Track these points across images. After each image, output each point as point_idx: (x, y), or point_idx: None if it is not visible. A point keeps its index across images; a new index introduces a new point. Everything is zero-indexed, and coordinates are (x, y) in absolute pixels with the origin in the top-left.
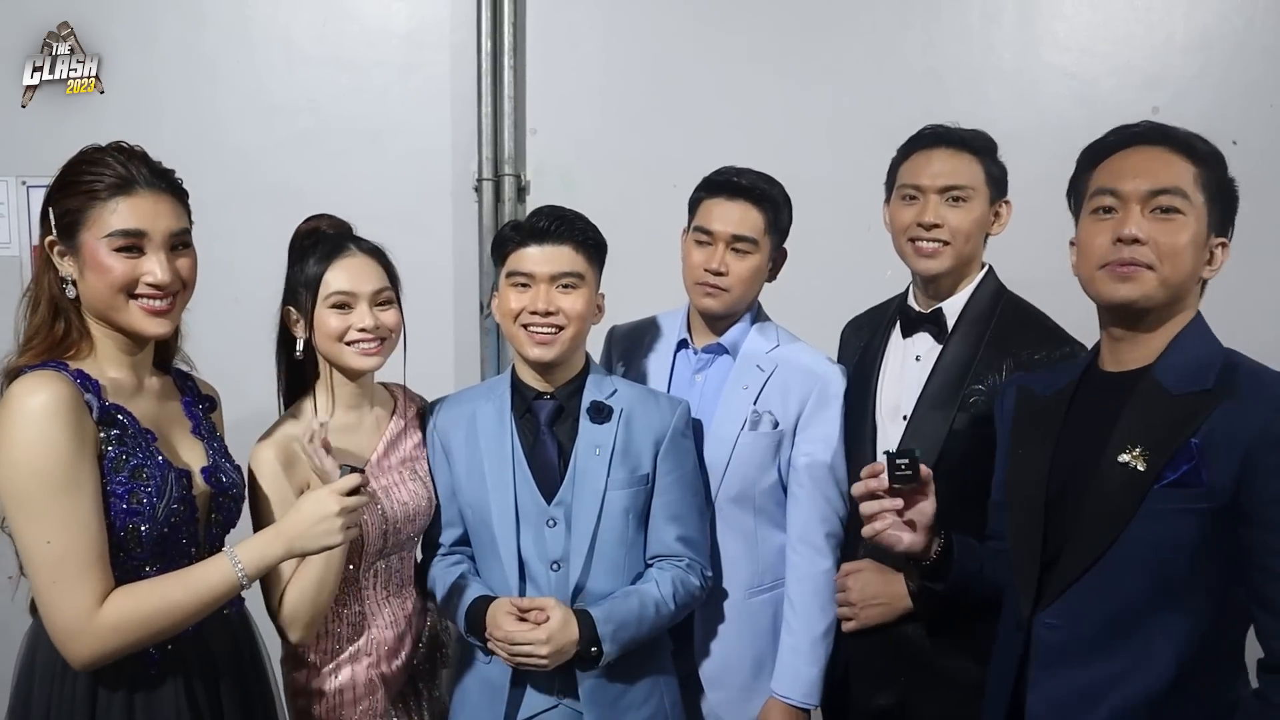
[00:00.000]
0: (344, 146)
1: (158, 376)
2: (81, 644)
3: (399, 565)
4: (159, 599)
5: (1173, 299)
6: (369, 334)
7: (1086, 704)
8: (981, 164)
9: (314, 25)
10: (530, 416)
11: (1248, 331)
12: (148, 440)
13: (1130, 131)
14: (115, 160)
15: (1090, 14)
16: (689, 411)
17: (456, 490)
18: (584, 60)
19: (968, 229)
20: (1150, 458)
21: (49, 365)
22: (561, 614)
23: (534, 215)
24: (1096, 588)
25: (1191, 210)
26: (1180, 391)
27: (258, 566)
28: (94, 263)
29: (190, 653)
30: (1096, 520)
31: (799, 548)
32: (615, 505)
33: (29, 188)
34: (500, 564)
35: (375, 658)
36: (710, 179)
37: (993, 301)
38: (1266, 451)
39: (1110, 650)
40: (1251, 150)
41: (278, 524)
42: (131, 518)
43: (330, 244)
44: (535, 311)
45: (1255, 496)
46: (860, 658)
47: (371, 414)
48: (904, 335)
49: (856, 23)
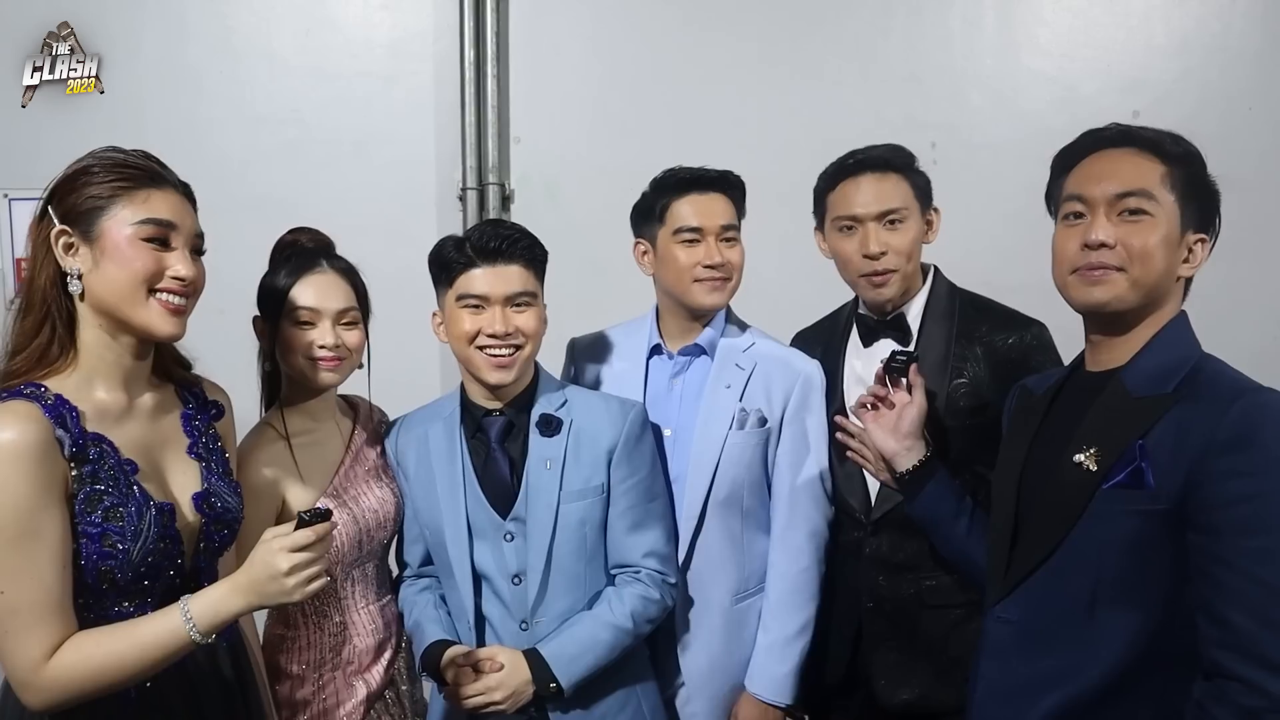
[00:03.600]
0: (328, 156)
1: (155, 389)
2: (32, 695)
3: (375, 572)
4: (105, 654)
5: (1148, 299)
6: (329, 351)
7: (1029, 697)
8: (908, 180)
9: (297, 36)
10: (481, 434)
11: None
12: (128, 473)
13: (1097, 136)
14: (144, 158)
15: (1071, 19)
16: (644, 415)
17: (415, 512)
18: (567, 69)
19: (909, 249)
20: (1101, 458)
21: (25, 392)
22: (510, 659)
23: (478, 234)
24: (1046, 584)
25: (1160, 210)
26: (1140, 394)
27: (211, 623)
28: (117, 252)
29: (171, 689)
30: (1049, 518)
31: (779, 546)
32: (570, 518)
33: (11, 200)
34: (455, 582)
35: (357, 665)
36: (674, 180)
37: (949, 300)
38: (1214, 457)
39: (1056, 646)
40: (1232, 152)
41: (234, 576)
42: (105, 560)
43: (303, 259)
44: (493, 335)
45: (1202, 502)
46: (878, 656)
47: (336, 426)
48: (865, 344)
49: (839, 29)
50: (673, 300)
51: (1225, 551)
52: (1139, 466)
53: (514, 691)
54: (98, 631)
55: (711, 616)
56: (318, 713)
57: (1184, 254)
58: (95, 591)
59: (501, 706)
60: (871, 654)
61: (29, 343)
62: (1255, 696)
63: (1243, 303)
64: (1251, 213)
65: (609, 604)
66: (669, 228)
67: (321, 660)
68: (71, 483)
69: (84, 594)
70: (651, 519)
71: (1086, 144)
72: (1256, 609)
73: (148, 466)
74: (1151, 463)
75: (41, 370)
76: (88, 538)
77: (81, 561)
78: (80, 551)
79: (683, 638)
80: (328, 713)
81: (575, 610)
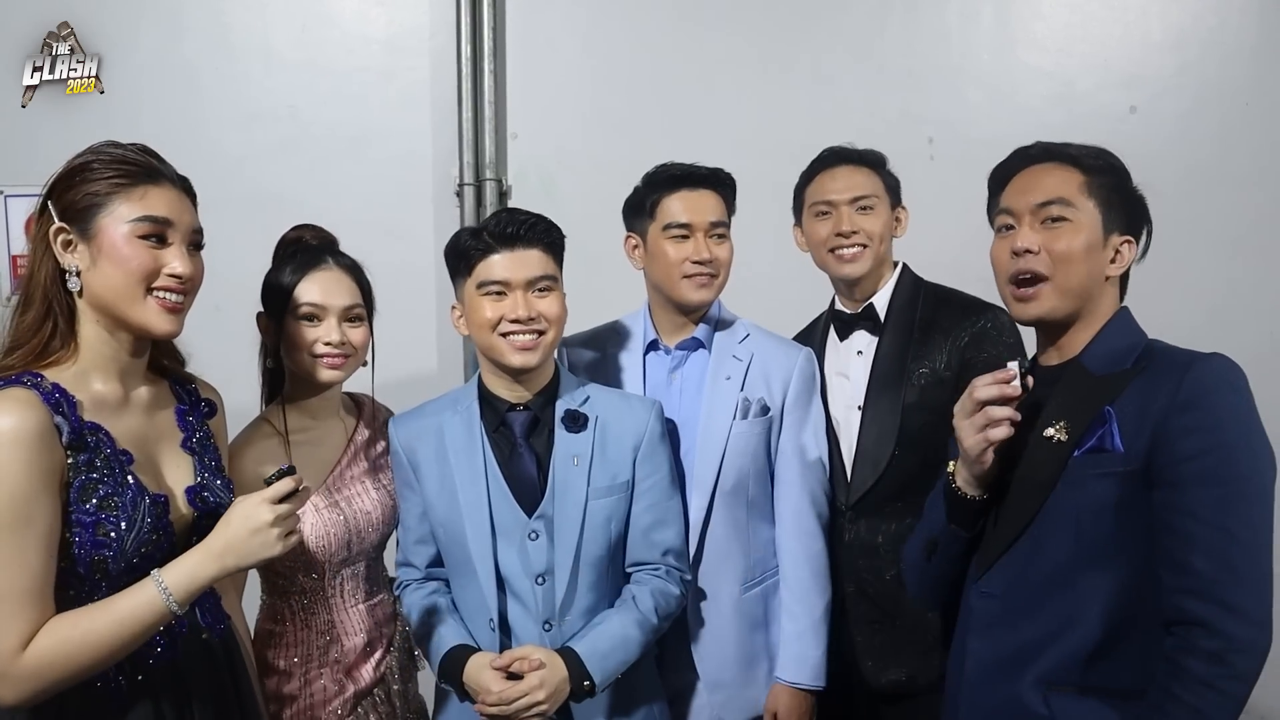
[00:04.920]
0: (325, 153)
1: (150, 384)
2: (4, 687)
3: (365, 572)
4: (82, 636)
5: (1079, 301)
6: (334, 348)
7: (1018, 666)
8: (879, 176)
9: (293, 31)
10: (505, 429)
11: (1228, 324)
12: (123, 464)
13: (1023, 154)
14: (142, 153)
15: (1068, 15)
16: (663, 413)
17: (427, 508)
18: (564, 64)
19: (880, 232)
20: (1070, 429)
21: (23, 380)
22: (547, 657)
23: (496, 221)
24: (1026, 555)
25: (1081, 216)
26: (1102, 373)
27: (188, 590)
28: (113, 251)
29: (161, 684)
30: (1024, 491)
31: (793, 531)
32: (598, 515)
33: (7, 197)
34: (477, 581)
35: (345, 663)
36: (667, 176)
37: (914, 290)
38: (1174, 414)
39: (1040, 614)
40: (1229, 147)
41: (207, 541)
42: (98, 549)
43: (308, 255)
44: (516, 319)
45: (1164, 458)
46: (863, 638)
47: (338, 423)
48: (841, 338)
49: (835, 24)
50: (662, 295)
51: (1187, 502)
52: (1107, 429)
53: (555, 691)
54: (72, 614)
55: (722, 606)
56: (304, 707)
57: (1111, 255)
58: (88, 581)
59: (545, 708)
60: (857, 636)
61: (29, 338)
62: (1217, 640)
63: (1241, 297)
64: (1248, 208)
65: (634, 600)
66: (659, 223)
67: (309, 657)
68: (67, 471)
69: (75, 584)
70: (671, 516)
71: (1015, 163)
72: (1216, 554)
73: (143, 459)
74: (1119, 427)
75: (40, 364)
76: (81, 526)
77: (74, 551)
78: (73, 540)
79: (694, 629)
80: (314, 708)
81: (599, 608)
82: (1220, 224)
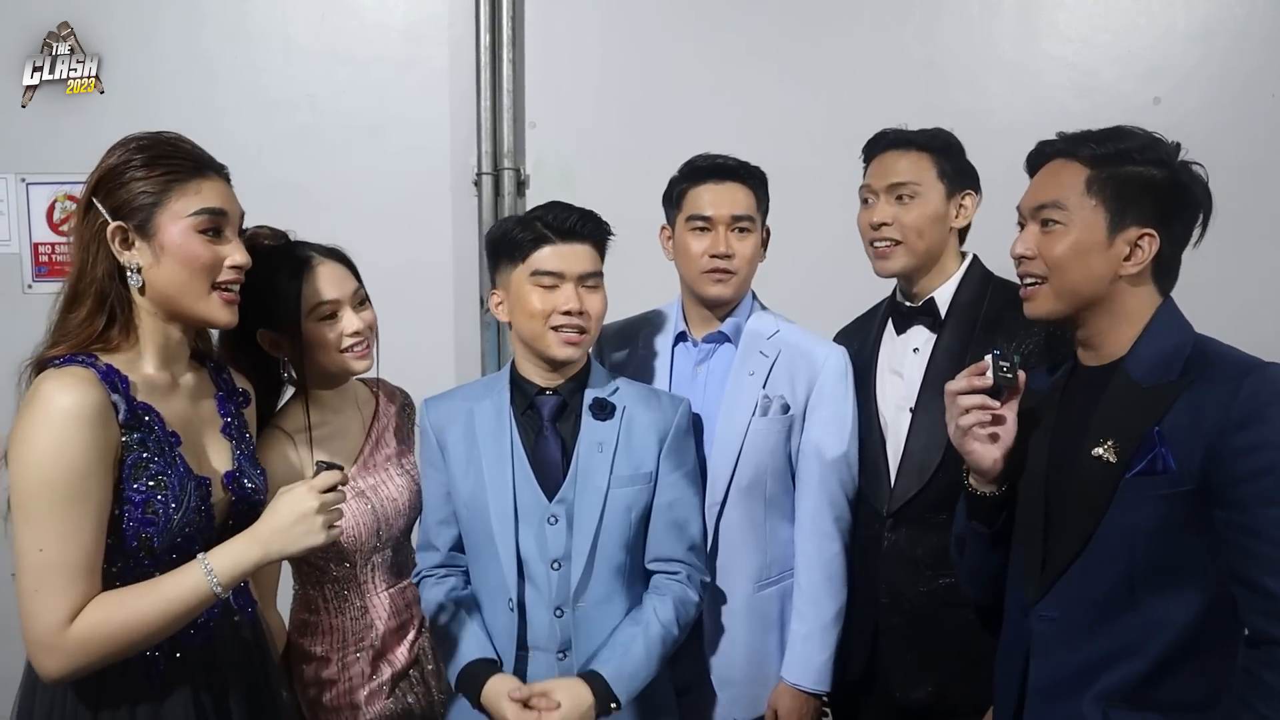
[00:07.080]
0: (343, 142)
1: (194, 371)
2: (50, 659)
3: (395, 557)
4: (127, 614)
5: (1082, 303)
6: (359, 337)
7: (1080, 685)
8: (932, 159)
9: (312, 20)
10: (532, 413)
11: (1248, 315)
12: (172, 444)
13: (1034, 152)
14: (187, 145)
15: (1091, 5)
16: (690, 409)
17: (452, 488)
18: (583, 54)
19: (918, 224)
20: (1120, 449)
21: (79, 359)
22: (567, 694)
23: (551, 214)
24: (1082, 577)
25: (1075, 218)
26: (1150, 383)
27: (231, 574)
28: (177, 248)
29: (197, 662)
30: (1077, 513)
31: (809, 533)
32: (618, 503)
33: (29, 185)
34: (498, 563)
35: (380, 646)
36: (693, 168)
37: (981, 287)
38: (1230, 434)
39: (1100, 634)
40: (1253, 138)
41: (254, 527)
42: (146, 527)
43: (288, 258)
44: (567, 311)
45: (1224, 478)
46: (895, 653)
47: (355, 414)
48: (898, 332)
49: (855, 15)
50: (688, 288)
51: (1253, 523)
52: (1158, 453)
53: None
54: (118, 591)
55: (734, 603)
56: (343, 690)
57: (1124, 251)
58: (133, 557)
59: None
60: (889, 650)
61: (79, 333)
62: None
63: (1265, 287)
64: (1272, 199)
65: (655, 614)
66: (684, 214)
67: (345, 643)
68: (121, 449)
69: (121, 559)
70: (694, 513)
71: (1034, 159)
72: None
73: (188, 441)
74: (1170, 447)
75: (93, 347)
76: (131, 504)
77: (123, 527)
78: (123, 516)
79: (706, 625)
80: (353, 691)
81: (613, 599)
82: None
